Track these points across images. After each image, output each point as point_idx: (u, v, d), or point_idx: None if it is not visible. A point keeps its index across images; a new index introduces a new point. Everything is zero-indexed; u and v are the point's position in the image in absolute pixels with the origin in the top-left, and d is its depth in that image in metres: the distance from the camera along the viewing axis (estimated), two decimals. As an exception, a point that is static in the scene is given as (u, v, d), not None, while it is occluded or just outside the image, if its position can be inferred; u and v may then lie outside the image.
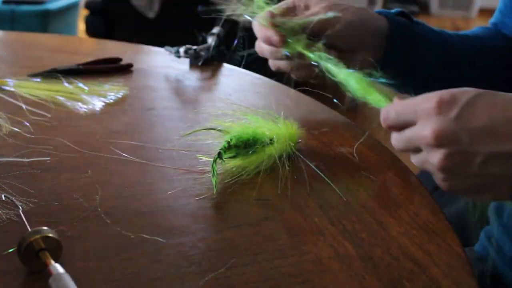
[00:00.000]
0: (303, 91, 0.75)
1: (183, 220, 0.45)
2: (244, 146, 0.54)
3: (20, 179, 0.49)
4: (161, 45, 0.97)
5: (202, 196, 0.49)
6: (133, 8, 2.58)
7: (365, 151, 0.60)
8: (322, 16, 0.62)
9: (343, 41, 0.64)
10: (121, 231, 0.43)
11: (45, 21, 2.52)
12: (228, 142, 0.52)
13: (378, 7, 5.14)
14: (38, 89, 0.72)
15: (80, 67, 0.81)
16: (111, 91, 0.74)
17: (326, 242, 0.44)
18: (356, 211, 0.48)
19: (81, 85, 0.74)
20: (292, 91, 0.78)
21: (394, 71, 0.60)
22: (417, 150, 0.47)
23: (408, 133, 0.48)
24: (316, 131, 0.65)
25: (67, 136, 0.60)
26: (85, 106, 0.68)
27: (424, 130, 0.45)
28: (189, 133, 0.57)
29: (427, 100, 0.45)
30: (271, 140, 0.55)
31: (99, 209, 0.45)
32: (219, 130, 0.54)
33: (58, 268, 0.36)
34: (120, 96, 0.73)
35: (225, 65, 0.92)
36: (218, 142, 0.54)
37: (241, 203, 0.49)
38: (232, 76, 0.87)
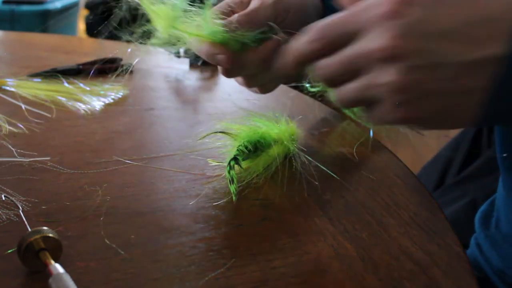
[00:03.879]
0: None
1: (183, 220, 0.45)
2: (254, 149, 0.53)
3: (20, 179, 0.49)
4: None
5: (202, 196, 0.49)
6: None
7: (365, 151, 0.60)
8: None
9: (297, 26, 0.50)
10: (121, 231, 0.43)
11: (45, 21, 2.52)
12: (246, 147, 0.51)
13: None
14: (38, 89, 0.72)
15: (80, 67, 0.81)
16: (111, 91, 0.74)
17: (326, 242, 0.44)
18: (356, 211, 0.48)
19: (81, 85, 0.74)
20: (292, 91, 0.78)
21: None
22: (355, 75, 0.38)
23: (349, 51, 0.37)
24: (316, 131, 0.65)
25: (67, 136, 0.60)
26: (85, 106, 0.68)
27: (375, 41, 0.35)
28: (203, 137, 0.54)
29: (380, 4, 0.36)
30: (275, 141, 0.55)
31: (99, 209, 0.45)
32: (229, 134, 0.53)
33: (58, 268, 0.36)
34: (120, 96, 0.73)
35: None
36: (220, 143, 0.54)
37: (241, 203, 0.49)
38: (232, 76, 0.87)
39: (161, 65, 0.90)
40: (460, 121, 0.39)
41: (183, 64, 0.90)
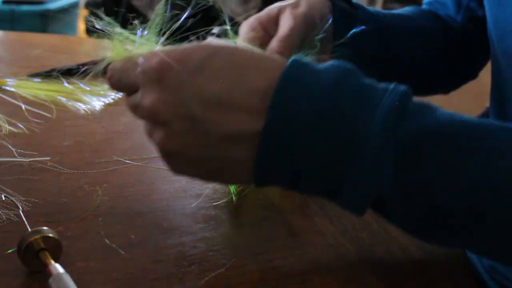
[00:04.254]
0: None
1: (183, 220, 0.45)
2: None
3: (20, 179, 0.49)
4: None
5: (202, 196, 0.49)
6: (133, 8, 2.58)
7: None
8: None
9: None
10: (121, 231, 0.43)
11: (45, 21, 2.52)
12: None
13: (379, 6, 5.14)
14: (38, 89, 0.72)
15: (80, 67, 0.81)
16: (111, 91, 0.74)
17: (326, 242, 0.44)
18: (356, 211, 0.48)
19: (81, 85, 0.74)
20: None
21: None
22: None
23: (131, 100, 0.38)
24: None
25: (67, 136, 0.60)
26: (85, 106, 0.68)
27: (143, 100, 0.35)
28: None
29: (148, 61, 0.35)
30: None
31: (99, 209, 0.45)
32: None
33: (58, 268, 0.36)
34: (120, 96, 0.73)
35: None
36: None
37: (241, 203, 0.49)
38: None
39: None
40: (238, 181, 0.41)
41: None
